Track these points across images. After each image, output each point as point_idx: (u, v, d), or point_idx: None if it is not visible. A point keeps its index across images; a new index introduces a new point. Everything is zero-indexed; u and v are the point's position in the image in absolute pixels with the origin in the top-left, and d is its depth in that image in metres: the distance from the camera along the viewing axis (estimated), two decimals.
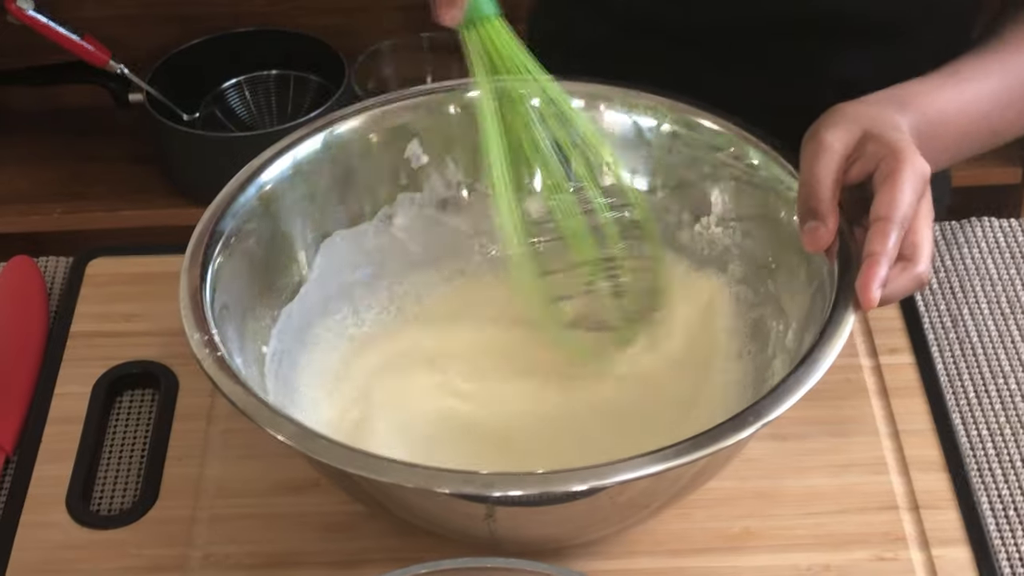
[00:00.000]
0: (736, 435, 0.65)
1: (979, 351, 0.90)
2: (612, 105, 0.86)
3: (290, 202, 0.82)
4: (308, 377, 0.81)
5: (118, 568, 0.77)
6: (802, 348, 0.72)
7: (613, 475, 0.64)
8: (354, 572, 0.76)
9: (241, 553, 0.78)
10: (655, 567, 0.76)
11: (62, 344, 0.90)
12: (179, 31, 1.77)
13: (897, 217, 0.69)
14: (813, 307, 0.75)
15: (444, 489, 0.64)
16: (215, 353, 0.70)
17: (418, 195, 0.87)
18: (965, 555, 0.77)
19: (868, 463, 0.82)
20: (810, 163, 0.74)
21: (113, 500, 0.82)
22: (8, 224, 1.74)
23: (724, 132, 0.83)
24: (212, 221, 0.77)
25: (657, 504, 0.74)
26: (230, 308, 0.76)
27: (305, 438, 0.66)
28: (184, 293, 0.73)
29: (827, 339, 0.69)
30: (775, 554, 0.77)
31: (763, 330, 0.81)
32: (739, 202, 0.84)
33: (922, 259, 0.71)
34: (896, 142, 0.72)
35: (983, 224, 0.99)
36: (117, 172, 1.78)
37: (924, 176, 0.71)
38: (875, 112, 0.76)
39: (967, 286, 0.94)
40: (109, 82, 1.72)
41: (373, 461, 0.65)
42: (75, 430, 0.85)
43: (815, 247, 0.72)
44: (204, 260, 0.75)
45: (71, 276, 0.95)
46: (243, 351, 0.75)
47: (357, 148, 0.85)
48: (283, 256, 0.82)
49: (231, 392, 0.68)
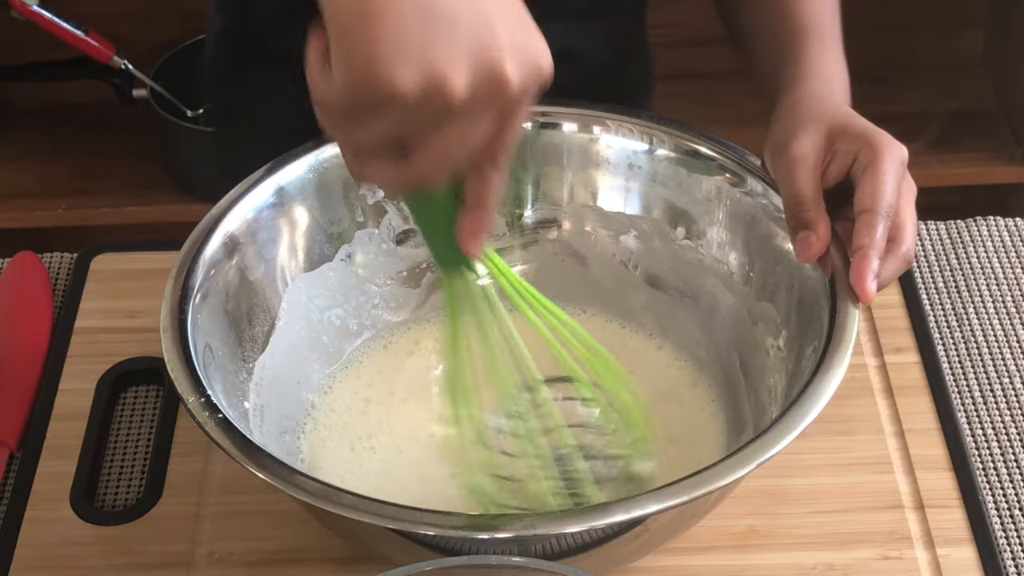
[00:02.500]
0: (767, 452, 0.65)
1: (984, 350, 0.90)
2: (607, 129, 0.85)
3: (252, 251, 0.80)
4: (285, 420, 0.80)
5: (122, 564, 0.77)
6: (803, 359, 0.72)
7: (637, 509, 0.63)
8: (358, 569, 0.76)
9: (245, 550, 0.78)
10: (660, 565, 0.76)
11: (66, 340, 0.90)
12: (183, 27, 1.77)
13: (882, 208, 0.70)
14: (807, 318, 0.75)
15: (483, 536, 0.63)
16: (216, 415, 0.67)
17: (376, 231, 0.85)
18: (970, 554, 0.77)
19: (873, 462, 0.81)
20: (789, 178, 0.74)
21: (117, 496, 0.82)
22: (12, 220, 1.74)
23: (718, 157, 0.82)
24: (181, 276, 0.75)
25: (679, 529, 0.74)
26: (213, 364, 0.74)
27: (328, 495, 0.64)
28: (172, 356, 0.70)
29: (835, 343, 0.69)
30: (780, 553, 0.77)
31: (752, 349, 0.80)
32: (730, 223, 0.83)
33: (906, 239, 0.71)
34: (866, 131, 0.73)
35: (988, 223, 0.99)
36: (121, 168, 1.78)
37: (903, 160, 0.72)
38: (825, 106, 0.76)
39: (972, 285, 0.94)
40: (113, 78, 1.72)
41: (407, 512, 0.63)
42: (79, 426, 0.85)
43: (808, 256, 0.72)
44: (182, 318, 0.73)
45: (75, 272, 0.95)
46: (230, 408, 0.73)
47: (312, 189, 0.83)
48: (252, 306, 0.80)
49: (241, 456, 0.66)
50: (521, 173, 0.85)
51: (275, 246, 0.82)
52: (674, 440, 0.79)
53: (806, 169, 0.73)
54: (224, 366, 0.75)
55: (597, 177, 0.86)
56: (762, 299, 0.80)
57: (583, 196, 0.86)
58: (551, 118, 0.85)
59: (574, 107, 0.85)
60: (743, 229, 0.82)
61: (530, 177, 0.85)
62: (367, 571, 0.75)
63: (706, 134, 0.83)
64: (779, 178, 0.75)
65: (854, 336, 0.70)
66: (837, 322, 0.70)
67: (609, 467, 0.74)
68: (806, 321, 0.75)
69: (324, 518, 0.71)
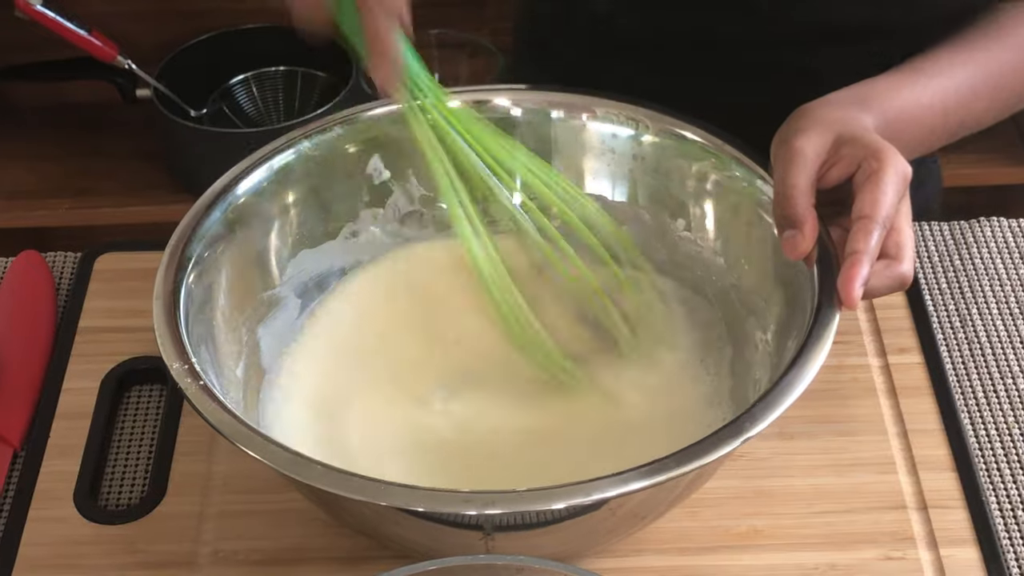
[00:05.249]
0: (729, 444, 0.64)
1: (988, 351, 0.90)
2: (593, 117, 0.85)
3: (255, 224, 0.81)
4: (283, 399, 0.80)
5: (126, 564, 0.77)
6: (785, 354, 0.72)
7: (609, 489, 0.62)
8: (361, 569, 0.76)
9: (248, 549, 0.78)
10: (662, 565, 0.76)
11: (70, 339, 0.91)
12: (187, 27, 1.77)
13: (880, 217, 0.69)
14: (791, 313, 0.75)
15: (445, 509, 0.63)
16: (197, 382, 0.68)
17: (380, 211, 0.86)
18: (974, 555, 0.77)
19: (876, 462, 0.81)
20: (784, 171, 0.73)
21: (121, 495, 0.82)
22: (15, 219, 1.74)
23: (704, 143, 0.82)
24: (180, 246, 0.76)
25: (651, 517, 0.73)
26: (204, 334, 0.74)
27: (298, 464, 0.64)
28: (160, 321, 0.71)
29: (814, 340, 0.69)
30: (782, 553, 0.77)
31: (743, 340, 0.80)
32: (717, 212, 0.83)
33: (906, 258, 0.71)
34: (875, 143, 0.73)
35: (992, 224, 0.99)
36: (124, 168, 1.78)
37: (906, 177, 0.72)
38: (843, 115, 0.76)
39: (976, 286, 0.94)
40: (117, 78, 1.71)
41: (369, 485, 0.63)
42: (83, 425, 0.85)
43: (795, 254, 0.72)
44: (175, 286, 0.74)
45: (80, 271, 0.95)
46: (220, 376, 0.74)
47: (316, 167, 0.84)
48: (251, 279, 0.81)
49: (221, 423, 0.66)
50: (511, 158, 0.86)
51: (277, 222, 0.82)
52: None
53: (803, 165, 0.73)
54: (216, 337, 0.76)
55: (589, 164, 0.86)
56: (753, 292, 0.80)
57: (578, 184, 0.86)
58: (532, 104, 0.86)
59: (564, 94, 0.86)
60: (736, 220, 0.82)
61: (520, 164, 0.85)
62: (370, 570, 0.76)
63: (694, 120, 0.83)
64: (776, 170, 0.75)
65: (830, 340, 0.69)
66: (818, 321, 0.70)
67: None
68: (791, 317, 0.75)
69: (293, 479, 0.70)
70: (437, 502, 0.63)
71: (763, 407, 0.66)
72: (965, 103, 0.83)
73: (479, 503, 0.62)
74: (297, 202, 0.83)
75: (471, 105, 0.83)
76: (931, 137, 0.83)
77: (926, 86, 0.82)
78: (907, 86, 0.81)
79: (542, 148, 0.85)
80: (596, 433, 0.79)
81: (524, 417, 0.80)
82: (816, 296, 0.71)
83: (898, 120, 0.79)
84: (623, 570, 0.76)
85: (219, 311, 0.77)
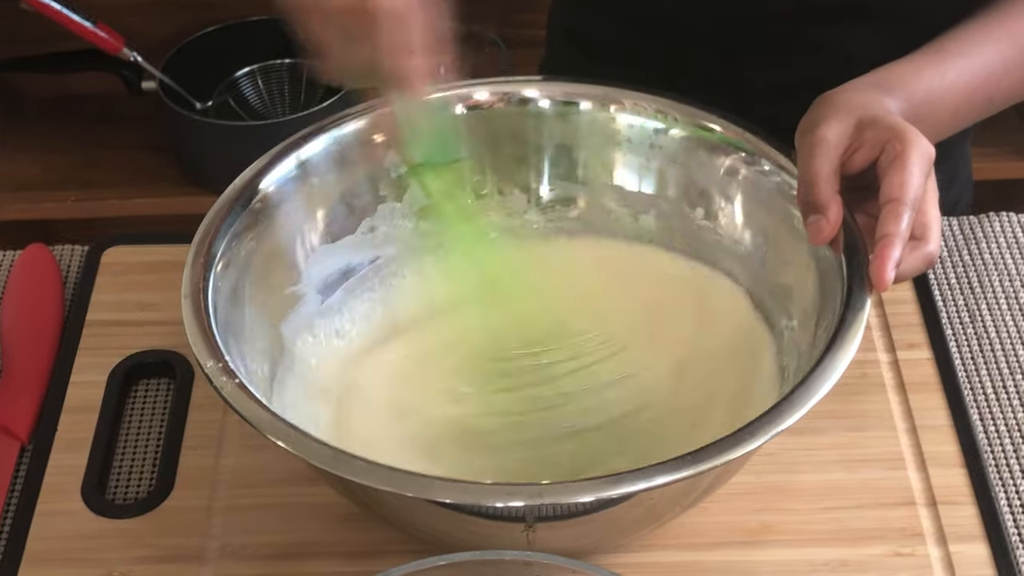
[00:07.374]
0: (773, 429, 0.65)
1: (997, 347, 0.89)
2: (622, 108, 0.85)
3: (279, 218, 0.81)
4: (305, 393, 0.80)
5: (134, 558, 0.77)
6: (816, 340, 0.72)
7: (650, 479, 0.63)
8: (370, 563, 0.76)
9: (257, 543, 0.78)
10: (672, 561, 0.76)
11: (78, 333, 0.90)
12: (193, 19, 1.77)
13: (909, 198, 0.69)
14: (822, 300, 0.75)
15: (495, 503, 0.63)
16: (233, 380, 0.68)
17: (398, 205, 0.86)
18: (983, 551, 0.77)
19: (885, 458, 0.81)
20: (807, 158, 0.74)
21: (128, 489, 0.82)
22: (21, 211, 1.74)
23: (734, 136, 0.82)
24: (205, 241, 0.75)
25: (678, 509, 0.74)
26: (231, 331, 0.74)
27: (341, 461, 0.64)
28: (190, 319, 0.71)
29: (847, 326, 0.69)
30: (792, 548, 0.77)
31: (771, 326, 0.81)
32: (747, 204, 0.83)
33: (932, 239, 0.71)
34: (897, 125, 0.73)
35: (1001, 219, 0.99)
36: (130, 160, 1.78)
37: (930, 157, 0.72)
38: (865, 99, 0.76)
39: (985, 281, 0.94)
40: (122, 70, 1.71)
41: (412, 478, 0.63)
42: (91, 419, 0.85)
43: (819, 240, 0.72)
44: (203, 283, 0.73)
45: (87, 265, 0.95)
46: (249, 373, 0.73)
47: (334, 163, 0.83)
48: (275, 274, 0.81)
49: (261, 421, 0.67)
50: (535, 152, 0.86)
51: (297, 218, 0.82)
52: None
53: (826, 151, 0.73)
54: (243, 334, 0.75)
55: (616, 156, 0.86)
56: (778, 279, 0.80)
57: (602, 175, 0.87)
58: (569, 96, 0.85)
59: (591, 85, 0.86)
60: (760, 210, 0.82)
61: (547, 155, 0.85)
62: (379, 565, 0.76)
63: (722, 112, 0.83)
64: (799, 158, 0.75)
65: (863, 324, 0.69)
66: (850, 306, 0.70)
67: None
68: (822, 303, 0.75)
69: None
70: (485, 495, 0.63)
71: (803, 391, 0.66)
72: (996, 79, 0.83)
73: (526, 495, 0.62)
74: (318, 196, 0.83)
75: (500, 97, 0.83)
76: (959, 116, 0.83)
77: (951, 67, 0.81)
78: (930, 68, 0.81)
79: (569, 141, 0.86)
80: (620, 426, 0.79)
81: (551, 405, 0.79)
82: (846, 281, 0.71)
83: (924, 103, 0.79)
84: (632, 565, 0.76)
85: (246, 307, 0.77)
